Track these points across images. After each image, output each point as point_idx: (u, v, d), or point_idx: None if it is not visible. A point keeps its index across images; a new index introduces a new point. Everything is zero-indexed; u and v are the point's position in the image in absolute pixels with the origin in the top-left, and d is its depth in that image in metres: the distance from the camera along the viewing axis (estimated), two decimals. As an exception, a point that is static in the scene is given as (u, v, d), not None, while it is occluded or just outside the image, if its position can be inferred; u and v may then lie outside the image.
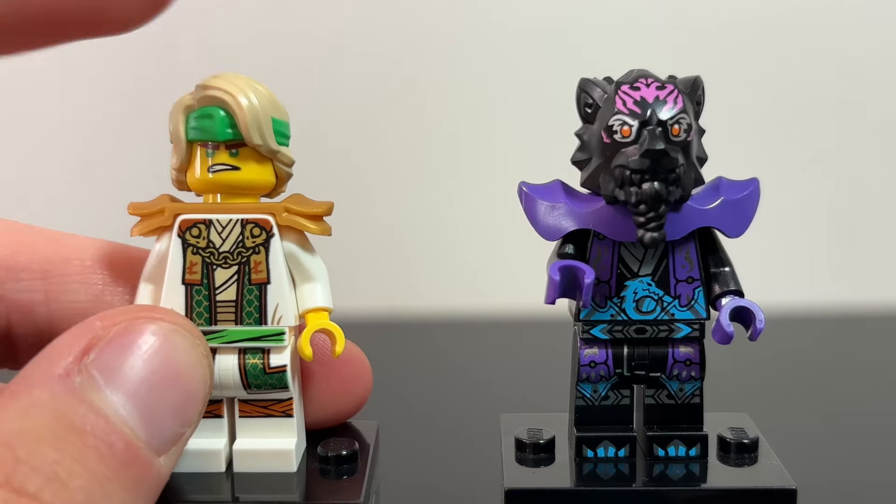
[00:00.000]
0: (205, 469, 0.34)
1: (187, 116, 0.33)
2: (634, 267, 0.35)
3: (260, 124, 0.33)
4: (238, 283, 0.33)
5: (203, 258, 0.33)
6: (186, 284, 0.33)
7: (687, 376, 0.36)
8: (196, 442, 0.33)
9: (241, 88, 0.33)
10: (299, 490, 0.33)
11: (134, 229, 0.34)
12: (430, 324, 0.81)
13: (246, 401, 0.34)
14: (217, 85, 0.33)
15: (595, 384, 0.36)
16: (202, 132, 0.33)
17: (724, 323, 0.34)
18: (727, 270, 0.36)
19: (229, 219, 0.33)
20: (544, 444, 0.37)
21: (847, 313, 0.82)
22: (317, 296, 0.35)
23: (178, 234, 0.33)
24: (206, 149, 0.33)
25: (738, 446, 0.36)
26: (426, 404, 0.66)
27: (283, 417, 0.35)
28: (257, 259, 0.33)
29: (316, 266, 0.35)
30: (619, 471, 0.35)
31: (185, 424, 0.29)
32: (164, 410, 0.28)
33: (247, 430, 0.35)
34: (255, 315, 0.33)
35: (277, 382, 0.34)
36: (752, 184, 0.36)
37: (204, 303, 0.33)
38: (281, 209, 0.34)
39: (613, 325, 0.35)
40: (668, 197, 0.33)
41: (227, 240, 0.33)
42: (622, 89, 0.34)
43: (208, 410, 0.33)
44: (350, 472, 0.34)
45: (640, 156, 0.32)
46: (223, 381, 0.33)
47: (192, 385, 0.29)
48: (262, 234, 0.33)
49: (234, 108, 0.32)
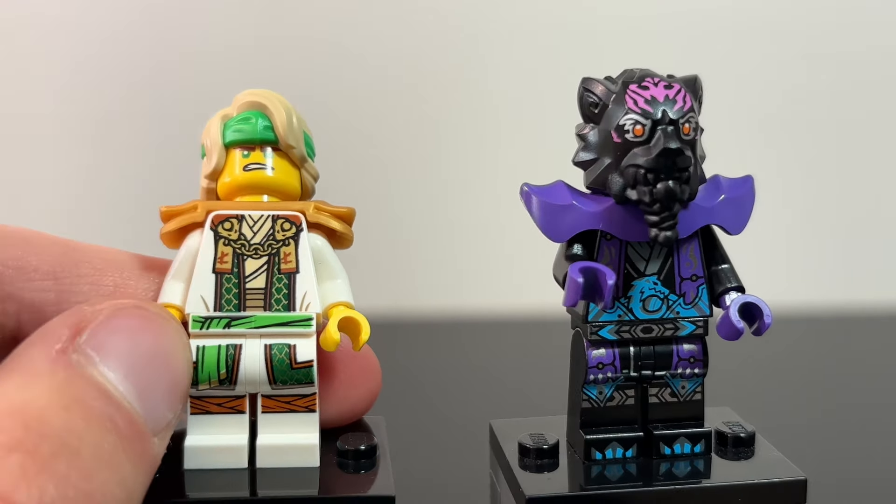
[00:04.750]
0: (227, 465, 0.34)
1: (225, 123, 0.35)
2: (641, 266, 0.35)
3: (294, 130, 0.35)
4: (268, 272, 0.34)
5: (234, 249, 0.34)
6: (217, 273, 0.34)
7: (690, 374, 0.36)
8: (218, 438, 0.34)
9: (279, 98, 0.35)
10: (323, 483, 0.33)
11: (165, 227, 0.34)
12: (429, 324, 0.81)
13: (269, 396, 0.34)
14: (256, 93, 0.35)
15: (601, 385, 0.36)
16: (241, 133, 0.35)
17: (734, 318, 0.34)
18: (728, 267, 0.36)
19: (261, 214, 0.34)
20: (549, 448, 0.36)
21: (847, 313, 0.84)
22: (340, 291, 0.35)
23: (210, 227, 0.34)
24: (242, 151, 0.35)
25: (736, 440, 0.37)
26: (426, 404, 0.66)
27: (307, 413, 0.34)
28: (287, 250, 0.34)
29: (338, 265, 0.36)
30: (630, 472, 0.35)
31: (173, 409, 0.29)
32: (156, 391, 0.29)
33: (270, 425, 0.34)
34: (283, 302, 0.34)
35: (304, 377, 0.34)
36: (748, 181, 0.36)
37: (234, 290, 0.34)
38: (310, 207, 0.35)
39: (621, 326, 0.35)
40: (681, 195, 0.33)
41: (258, 233, 0.34)
42: (631, 88, 0.33)
43: (230, 406, 0.34)
44: (368, 467, 0.34)
45: (657, 155, 0.32)
46: (249, 375, 0.33)
47: (179, 368, 0.30)
48: (292, 228, 0.35)
49: (272, 112, 0.35)
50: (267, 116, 0.35)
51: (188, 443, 0.33)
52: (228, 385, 0.33)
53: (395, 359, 0.73)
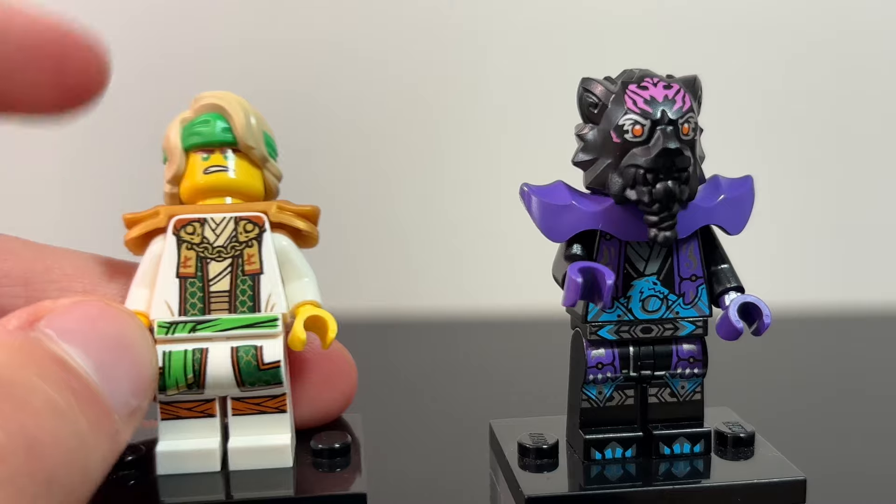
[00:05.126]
0: (199, 469, 0.33)
1: (184, 127, 0.35)
2: (640, 266, 0.35)
3: (253, 130, 0.35)
4: (232, 275, 0.34)
5: (197, 253, 0.34)
6: (181, 278, 0.34)
7: (690, 374, 0.36)
8: (189, 443, 0.34)
9: (237, 100, 0.35)
10: (298, 484, 0.33)
11: (128, 234, 0.34)
12: (429, 324, 0.81)
13: (239, 398, 0.34)
14: (214, 95, 0.35)
15: (601, 385, 0.36)
16: (199, 136, 0.35)
17: (734, 318, 0.34)
18: (727, 267, 0.36)
19: (223, 217, 0.34)
20: (548, 448, 0.36)
21: (847, 313, 0.83)
22: (306, 290, 0.35)
23: (173, 231, 0.34)
24: (201, 154, 0.35)
25: (736, 440, 0.37)
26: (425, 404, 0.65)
27: (277, 413, 0.34)
28: (250, 252, 0.34)
29: (304, 264, 0.36)
30: (630, 471, 0.35)
31: (138, 396, 0.29)
32: (118, 373, 0.28)
33: (240, 428, 0.34)
34: (248, 304, 0.34)
35: (272, 378, 0.33)
36: (748, 181, 0.36)
37: (198, 294, 0.34)
38: (272, 206, 0.35)
39: (620, 326, 0.35)
40: (680, 196, 0.33)
41: (220, 235, 0.34)
42: (630, 88, 0.33)
43: (200, 410, 0.34)
44: (343, 465, 0.34)
45: (656, 155, 0.32)
46: (216, 378, 0.33)
47: (142, 356, 0.30)
48: (255, 229, 0.35)
49: (230, 113, 0.35)
50: (225, 118, 0.34)
51: (160, 448, 0.33)
52: (197, 389, 0.33)
53: (395, 358, 0.73)
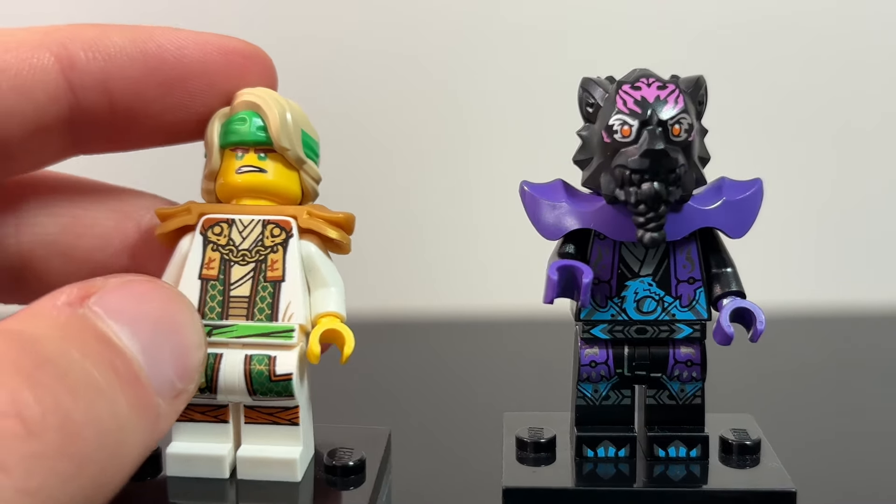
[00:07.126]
0: (208, 475, 0.34)
1: (222, 124, 0.34)
2: (635, 267, 0.35)
3: (289, 130, 0.34)
4: (253, 280, 0.33)
5: (222, 254, 0.34)
6: (203, 279, 0.34)
7: (688, 377, 0.36)
8: (200, 447, 0.34)
9: (275, 98, 0.34)
10: (302, 500, 0.33)
11: (159, 229, 0.35)
12: (430, 324, 0.81)
13: (252, 407, 0.34)
14: (252, 92, 0.35)
15: (596, 384, 0.36)
16: (234, 135, 0.34)
17: (725, 324, 0.34)
18: (729, 271, 0.35)
19: (251, 219, 0.34)
20: (545, 443, 0.37)
21: (847, 314, 0.81)
22: (329, 301, 0.34)
23: (200, 231, 0.34)
24: (236, 152, 0.34)
25: (740, 448, 0.36)
26: (431, 405, 0.66)
27: (289, 426, 0.34)
28: (274, 257, 0.34)
29: (331, 273, 0.35)
30: (619, 471, 0.35)
31: (183, 379, 0.28)
32: (163, 355, 0.28)
33: (252, 436, 0.34)
34: (266, 311, 0.33)
35: (283, 391, 0.33)
36: (755, 184, 0.35)
37: (218, 297, 0.33)
38: (303, 212, 0.34)
39: (614, 325, 0.35)
40: (668, 197, 0.32)
41: (246, 238, 0.34)
42: (623, 89, 0.33)
43: (214, 415, 0.34)
44: (357, 483, 0.34)
45: (640, 156, 0.32)
46: (228, 384, 0.33)
47: (190, 338, 0.29)
48: (282, 234, 0.34)
49: (265, 112, 0.34)
50: (261, 116, 0.34)
51: (170, 449, 0.34)
52: (209, 393, 0.33)
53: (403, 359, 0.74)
